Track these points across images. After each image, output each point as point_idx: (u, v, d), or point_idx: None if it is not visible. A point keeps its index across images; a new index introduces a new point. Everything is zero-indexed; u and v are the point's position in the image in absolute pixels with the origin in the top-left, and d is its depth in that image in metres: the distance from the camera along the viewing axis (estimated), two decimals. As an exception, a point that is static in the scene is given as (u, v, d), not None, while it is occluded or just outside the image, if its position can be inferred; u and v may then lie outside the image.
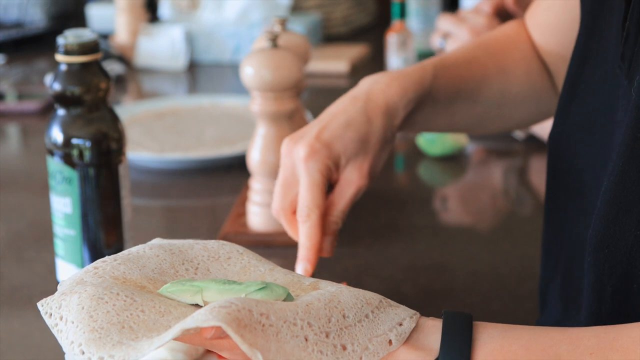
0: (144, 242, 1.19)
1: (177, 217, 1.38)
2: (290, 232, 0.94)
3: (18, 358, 0.98)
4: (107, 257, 0.71)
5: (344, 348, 0.64)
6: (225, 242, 0.75)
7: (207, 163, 1.49)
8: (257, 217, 1.23)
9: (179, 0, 2.22)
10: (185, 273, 0.72)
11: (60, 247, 1.05)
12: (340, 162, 0.93)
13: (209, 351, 0.96)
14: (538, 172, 1.49)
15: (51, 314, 0.66)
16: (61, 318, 0.65)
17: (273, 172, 1.20)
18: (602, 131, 0.79)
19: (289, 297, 0.67)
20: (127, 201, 1.06)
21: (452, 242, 1.25)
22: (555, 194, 0.88)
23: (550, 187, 0.89)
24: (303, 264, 0.91)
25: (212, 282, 0.68)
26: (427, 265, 1.17)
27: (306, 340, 0.63)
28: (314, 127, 0.94)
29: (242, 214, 1.27)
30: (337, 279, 1.06)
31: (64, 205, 1.04)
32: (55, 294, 0.67)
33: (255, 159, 1.21)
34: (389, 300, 0.69)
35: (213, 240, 0.75)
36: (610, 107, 0.78)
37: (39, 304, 0.67)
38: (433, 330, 0.67)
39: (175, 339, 0.63)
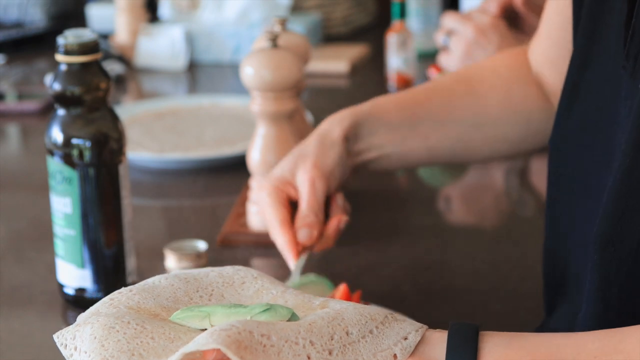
0: (144, 242, 1.20)
1: (177, 217, 1.38)
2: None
3: (18, 358, 0.98)
4: (123, 288, 0.72)
5: None
6: (240, 267, 0.76)
7: (207, 163, 1.49)
8: (257, 217, 1.23)
9: (179, 0, 2.22)
10: (200, 300, 0.73)
11: (60, 247, 1.05)
12: (288, 179, 1.01)
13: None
14: (538, 172, 1.49)
15: (66, 345, 0.68)
16: (75, 348, 0.67)
17: (273, 172, 1.20)
18: (604, 133, 0.79)
19: (293, 317, 0.68)
20: (127, 201, 1.06)
21: (453, 242, 1.25)
22: (556, 197, 0.88)
23: (551, 190, 0.90)
24: (288, 260, 0.98)
25: (219, 307, 0.69)
26: (427, 265, 1.17)
27: (308, 358, 0.64)
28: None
29: (242, 214, 1.27)
30: (337, 279, 1.06)
31: (64, 205, 1.04)
32: (71, 325, 0.69)
33: (255, 159, 1.21)
34: (396, 314, 0.69)
35: (229, 267, 0.76)
36: (612, 109, 0.78)
37: (54, 336, 0.69)
38: (439, 342, 0.67)
39: None
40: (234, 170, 1.47)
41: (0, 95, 1.86)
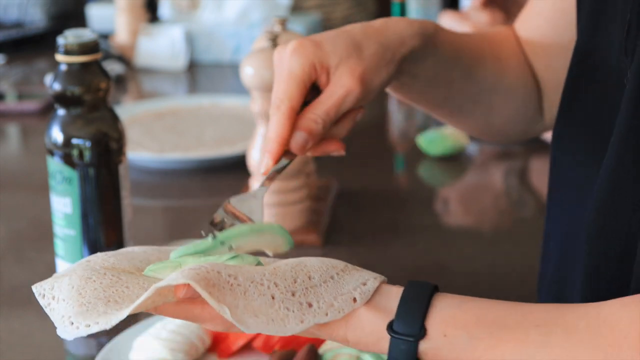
0: (144, 242, 1.20)
1: (177, 217, 1.38)
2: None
3: (18, 358, 0.98)
4: (99, 252, 0.76)
5: (310, 305, 0.68)
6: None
7: (207, 163, 1.49)
8: (257, 217, 1.23)
9: (179, 0, 2.22)
10: None
11: (60, 247, 1.05)
12: (329, 63, 0.86)
13: (209, 350, 0.96)
14: (538, 173, 1.49)
15: (44, 295, 0.71)
16: (53, 297, 0.71)
17: (273, 172, 1.20)
18: (603, 126, 0.79)
19: (258, 265, 0.72)
20: (127, 201, 1.06)
21: (452, 242, 1.25)
22: (556, 188, 0.89)
23: (552, 181, 0.90)
24: (264, 156, 0.85)
25: (190, 257, 0.73)
26: (427, 265, 1.17)
27: (273, 298, 0.68)
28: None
29: (242, 214, 1.26)
30: (337, 279, 1.06)
31: (64, 205, 1.04)
32: (50, 278, 0.73)
33: (255, 159, 1.21)
34: (356, 266, 0.73)
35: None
36: (611, 103, 0.78)
37: (33, 287, 0.72)
38: (396, 295, 0.70)
39: (154, 310, 0.69)
40: (234, 170, 1.47)
41: (0, 95, 1.86)
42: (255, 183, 1.23)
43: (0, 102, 1.83)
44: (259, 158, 0.89)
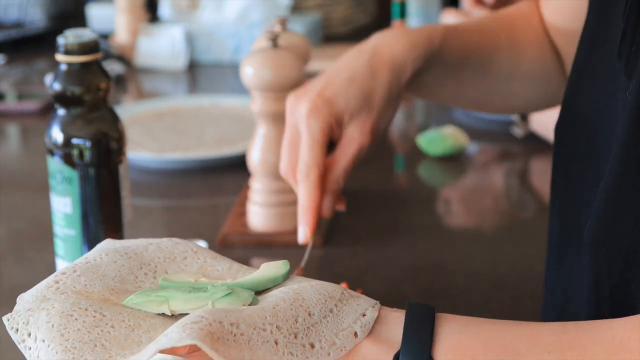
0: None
1: (177, 217, 1.38)
2: (297, 191, 0.94)
3: (18, 358, 0.98)
4: (65, 267, 0.71)
5: (312, 346, 0.65)
6: (178, 240, 0.76)
7: (207, 163, 1.49)
8: (257, 217, 1.23)
9: (179, 0, 2.22)
10: (145, 278, 0.72)
11: (60, 247, 1.05)
12: (342, 119, 0.92)
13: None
14: (538, 172, 1.49)
15: (17, 329, 0.66)
16: (29, 335, 0.66)
17: (273, 172, 1.20)
18: (605, 122, 0.79)
19: (254, 300, 0.68)
20: (127, 201, 1.06)
21: (452, 242, 1.25)
22: (559, 183, 0.88)
23: (555, 176, 0.89)
24: (302, 227, 0.91)
25: (177, 292, 0.69)
26: (427, 265, 1.17)
27: (276, 343, 0.64)
28: (317, 83, 0.93)
29: (242, 214, 1.27)
30: (337, 279, 1.06)
31: (64, 205, 1.04)
32: (20, 308, 0.67)
33: (255, 159, 1.21)
34: (350, 290, 0.70)
35: (166, 239, 0.75)
36: (611, 102, 0.78)
37: (4, 318, 0.67)
38: (396, 322, 0.67)
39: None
40: (234, 170, 1.47)
41: (0, 95, 1.86)
42: (255, 184, 1.23)
43: (0, 102, 1.83)
44: (299, 227, 0.91)
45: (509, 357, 0.65)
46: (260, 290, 0.70)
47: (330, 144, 0.94)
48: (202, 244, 1.15)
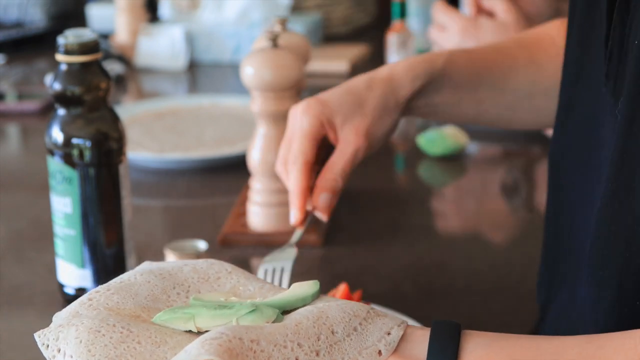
0: (144, 241, 1.20)
1: (177, 217, 1.38)
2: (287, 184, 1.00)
3: (19, 358, 0.98)
4: (100, 286, 0.72)
5: None
6: (214, 261, 0.76)
7: (207, 163, 1.49)
8: (257, 217, 1.23)
9: (179, 0, 2.22)
10: (177, 297, 0.72)
11: (60, 246, 1.05)
12: (334, 120, 0.97)
13: None
14: (538, 172, 1.49)
15: (48, 345, 0.67)
16: (59, 350, 0.66)
17: (273, 172, 1.20)
18: (594, 148, 0.79)
19: (278, 318, 0.68)
20: (127, 201, 1.06)
21: (452, 242, 1.25)
22: (555, 210, 0.89)
23: (549, 202, 0.90)
24: (291, 209, 0.96)
25: (204, 308, 0.69)
26: (427, 265, 1.17)
27: None
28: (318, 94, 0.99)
29: (242, 214, 1.27)
30: (337, 279, 1.06)
31: (64, 205, 1.04)
32: (52, 325, 0.68)
33: (255, 159, 1.21)
34: (377, 309, 0.69)
35: (202, 260, 0.76)
36: (599, 125, 0.78)
37: (36, 335, 0.68)
38: (421, 339, 0.67)
39: None
40: (234, 170, 1.47)
41: (0, 95, 1.86)
42: (255, 184, 1.23)
43: (0, 102, 1.83)
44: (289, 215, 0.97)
45: None
46: (288, 310, 0.70)
47: (331, 148, 0.98)
48: (202, 244, 1.15)
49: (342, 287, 0.99)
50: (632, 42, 0.70)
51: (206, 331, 0.67)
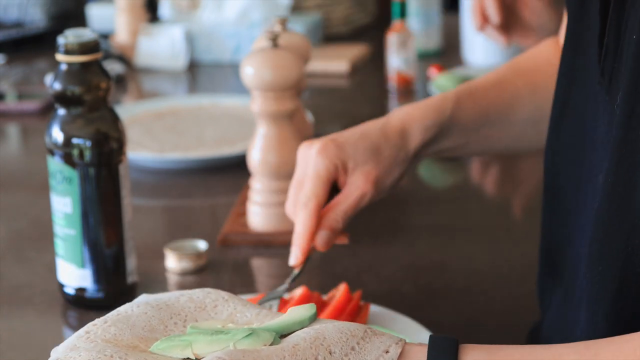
0: (144, 241, 1.20)
1: (177, 217, 1.38)
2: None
3: (19, 358, 0.98)
4: (97, 319, 0.72)
5: None
6: (210, 290, 0.76)
7: (207, 163, 1.49)
8: (257, 217, 1.23)
9: (179, 0, 2.22)
10: (174, 327, 0.73)
11: (60, 246, 1.05)
12: (348, 164, 0.97)
13: None
14: (538, 172, 1.48)
15: None
16: None
17: (273, 172, 1.20)
18: (589, 148, 0.80)
19: (275, 341, 0.68)
20: (127, 201, 1.06)
21: (452, 242, 1.25)
22: (551, 211, 0.89)
23: (545, 204, 0.90)
24: (294, 249, 0.96)
25: (201, 335, 0.69)
26: (427, 265, 1.17)
27: None
28: (332, 134, 0.99)
29: (242, 214, 1.27)
30: (337, 279, 1.06)
31: (64, 205, 1.04)
32: (50, 359, 0.68)
33: (255, 159, 1.21)
34: (374, 329, 0.70)
35: (198, 290, 0.76)
36: (594, 125, 0.78)
37: None
38: (419, 356, 0.67)
39: None
40: (234, 170, 1.47)
41: (0, 95, 1.86)
42: (255, 184, 1.23)
43: (0, 102, 1.83)
44: (292, 252, 0.97)
45: None
46: (285, 334, 0.70)
47: (337, 191, 0.99)
48: (202, 244, 1.15)
49: (342, 287, 0.99)
50: (628, 38, 0.71)
51: (203, 357, 0.68)
